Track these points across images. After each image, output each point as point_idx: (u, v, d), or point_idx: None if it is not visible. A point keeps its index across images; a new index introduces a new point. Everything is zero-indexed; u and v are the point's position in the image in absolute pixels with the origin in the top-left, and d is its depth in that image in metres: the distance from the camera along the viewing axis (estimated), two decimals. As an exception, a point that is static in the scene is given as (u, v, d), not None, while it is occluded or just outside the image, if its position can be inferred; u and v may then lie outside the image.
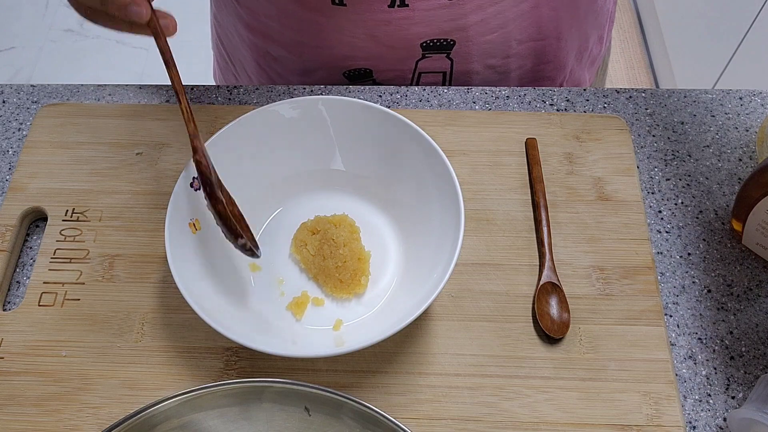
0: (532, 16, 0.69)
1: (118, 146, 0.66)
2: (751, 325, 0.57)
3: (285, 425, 0.46)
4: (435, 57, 0.70)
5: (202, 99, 0.70)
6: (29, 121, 0.68)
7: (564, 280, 0.59)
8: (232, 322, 0.52)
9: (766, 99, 0.70)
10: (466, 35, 0.68)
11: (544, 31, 0.71)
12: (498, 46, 0.70)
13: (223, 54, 0.83)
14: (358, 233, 0.59)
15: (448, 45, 0.68)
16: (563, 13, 0.71)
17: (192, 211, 0.56)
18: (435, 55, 0.69)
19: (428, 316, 0.57)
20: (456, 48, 0.69)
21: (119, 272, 0.59)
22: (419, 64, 0.70)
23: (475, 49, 0.69)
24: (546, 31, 0.71)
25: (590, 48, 0.79)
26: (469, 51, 0.69)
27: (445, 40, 0.68)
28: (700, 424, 0.53)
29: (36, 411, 0.53)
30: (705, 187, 0.65)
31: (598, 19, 0.77)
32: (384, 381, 0.54)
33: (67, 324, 0.57)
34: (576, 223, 0.62)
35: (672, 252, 0.61)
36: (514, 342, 0.56)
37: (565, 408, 0.53)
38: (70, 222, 0.62)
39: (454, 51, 0.69)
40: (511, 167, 0.65)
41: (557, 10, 0.70)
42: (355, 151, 0.61)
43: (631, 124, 0.68)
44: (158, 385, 0.54)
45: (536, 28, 0.70)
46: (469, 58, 0.70)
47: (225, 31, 0.79)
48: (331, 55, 0.71)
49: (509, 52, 0.71)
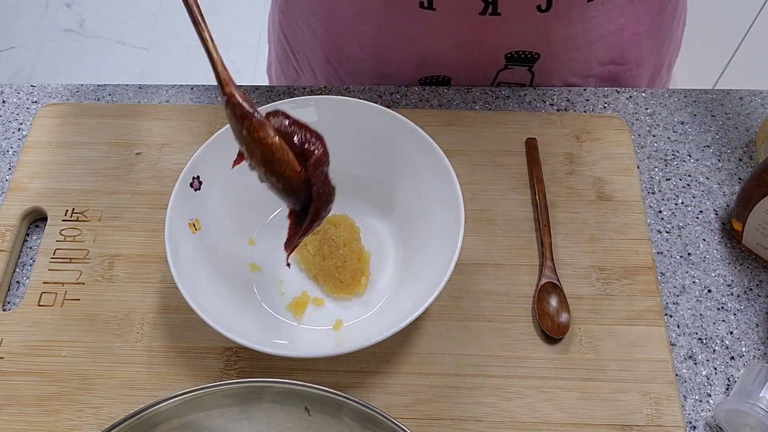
0: (615, 39, 0.69)
1: (118, 146, 0.66)
2: (751, 325, 0.57)
3: (285, 425, 0.46)
4: (517, 69, 0.69)
5: (202, 99, 0.70)
6: (29, 121, 0.68)
7: (564, 280, 0.59)
8: (232, 322, 0.52)
9: (766, 99, 0.70)
10: (551, 50, 0.67)
11: (626, 56, 0.71)
12: (580, 65, 0.70)
13: (285, 47, 0.80)
14: (359, 233, 0.59)
15: (533, 58, 0.68)
16: (645, 39, 0.71)
17: (192, 211, 0.56)
18: (517, 67, 0.69)
19: (428, 316, 0.57)
20: (539, 61, 0.68)
21: (119, 272, 0.59)
22: (500, 74, 0.70)
23: (558, 64, 0.69)
24: (628, 56, 0.71)
25: (661, 75, 0.79)
26: (551, 66, 0.69)
27: (530, 53, 0.67)
28: (700, 424, 0.53)
29: (36, 411, 0.53)
30: (705, 187, 0.64)
31: (672, 46, 0.77)
32: (384, 381, 0.54)
33: (66, 324, 0.57)
34: (576, 223, 0.62)
35: (672, 252, 0.61)
36: (514, 342, 0.56)
37: (565, 408, 0.53)
38: (70, 222, 0.62)
39: (537, 64, 0.68)
40: (511, 167, 0.65)
41: (639, 36, 0.70)
42: (354, 151, 0.61)
43: (631, 124, 0.68)
44: (158, 385, 0.54)
45: (619, 51, 0.70)
46: (551, 73, 0.70)
47: (292, 23, 0.76)
48: (409, 60, 0.69)
49: (590, 72, 0.71)
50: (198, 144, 0.58)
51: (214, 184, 0.58)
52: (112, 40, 2.10)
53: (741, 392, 0.51)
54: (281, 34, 0.80)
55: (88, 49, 2.09)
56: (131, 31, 2.11)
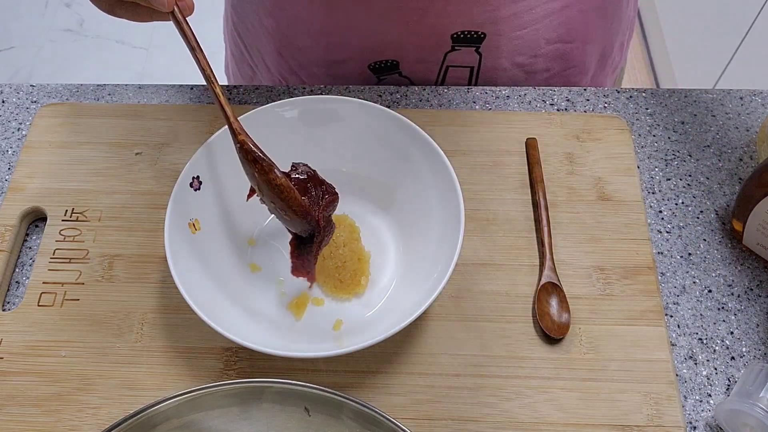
0: (561, 16, 0.69)
1: (118, 146, 0.66)
2: (751, 325, 0.57)
3: (285, 425, 0.46)
4: (464, 50, 0.70)
5: (202, 99, 0.70)
6: (29, 121, 0.68)
7: (564, 280, 0.58)
8: (232, 323, 0.52)
9: (766, 99, 0.70)
10: (497, 29, 0.68)
11: (573, 33, 0.71)
12: (527, 44, 0.70)
13: (239, 44, 0.81)
14: (359, 233, 0.59)
15: (479, 38, 0.68)
16: (591, 16, 0.71)
17: (192, 211, 0.56)
18: (464, 48, 0.69)
19: (428, 316, 0.57)
20: (486, 42, 0.69)
21: (119, 272, 0.59)
22: (448, 56, 0.70)
23: (505, 44, 0.70)
24: (574, 34, 0.71)
25: (613, 55, 0.80)
26: (498, 46, 0.70)
27: (476, 33, 0.68)
28: (701, 424, 0.53)
29: (36, 411, 0.53)
30: (705, 187, 0.64)
31: (622, 26, 0.78)
32: (384, 381, 0.54)
33: (66, 324, 0.57)
34: (576, 223, 0.62)
35: (672, 252, 0.61)
36: (514, 342, 0.56)
37: (566, 408, 0.53)
38: (70, 222, 0.62)
39: (484, 45, 0.69)
40: (511, 167, 0.65)
41: (585, 13, 0.70)
42: (354, 151, 0.61)
43: (632, 124, 0.68)
44: (158, 385, 0.54)
45: (566, 29, 0.70)
46: (498, 54, 0.70)
47: (243, 20, 0.78)
48: (359, 46, 0.70)
49: (537, 51, 0.71)
50: (198, 144, 0.58)
51: (214, 184, 0.58)
52: (111, 39, 2.10)
53: (741, 392, 0.51)
54: (234, 31, 0.81)
55: (88, 49, 2.09)
56: (131, 31, 2.11)
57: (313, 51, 0.73)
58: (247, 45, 0.80)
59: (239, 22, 0.79)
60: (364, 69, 0.72)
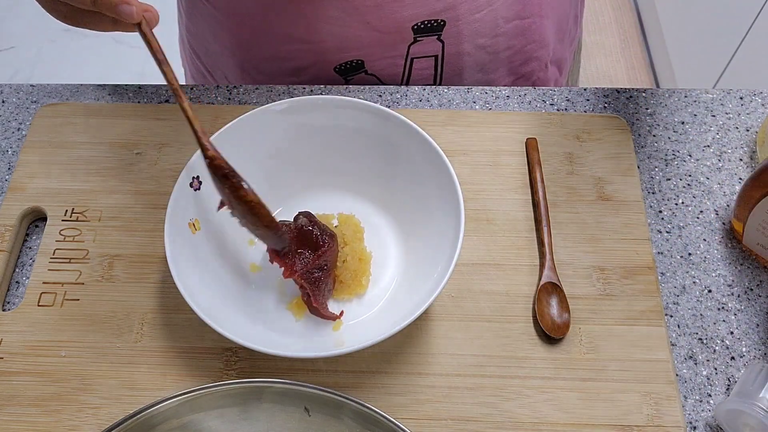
0: None
1: (118, 146, 0.66)
2: (751, 325, 0.57)
3: (285, 425, 0.46)
4: (426, 40, 0.70)
5: (202, 99, 0.70)
6: (29, 121, 0.68)
7: (564, 280, 0.58)
8: (232, 323, 0.52)
9: (766, 99, 0.70)
10: (456, 14, 0.68)
11: (529, 8, 0.72)
12: (487, 25, 0.71)
13: (199, 67, 0.81)
14: (362, 234, 0.59)
15: (439, 26, 0.69)
16: None
17: (192, 211, 0.56)
18: (426, 38, 0.70)
19: (428, 316, 0.57)
20: (446, 29, 0.69)
21: (119, 272, 0.59)
22: (411, 48, 0.70)
23: (465, 28, 0.70)
24: (530, 9, 0.72)
25: (569, 28, 0.82)
26: (459, 31, 0.70)
27: (436, 21, 0.68)
28: (701, 424, 0.53)
29: (35, 411, 0.53)
30: (705, 187, 0.64)
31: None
32: (384, 381, 0.54)
33: (66, 324, 0.57)
34: (576, 223, 0.62)
35: (672, 252, 0.61)
36: (514, 342, 0.56)
37: (566, 408, 0.53)
38: (70, 222, 0.62)
39: (444, 32, 0.70)
40: (511, 167, 0.65)
41: None
42: (354, 151, 0.61)
43: (632, 124, 0.68)
44: (158, 385, 0.54)
45: (521, 5, 0.71)
46: (460, 39, 0.71)
47: (200, 41, 0.78)
48: (322, 50, 0.70)
49: (497, 31, 0.72)
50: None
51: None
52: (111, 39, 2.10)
53: (741, 392, 0.51)
54: (193, 54, 0.81)
55: (88, 49, 2.09)
56: (131, 31, 2.11)
57: (276, 60, 0.73)
58: (207, 65, 0.80)
59: (196, 43, 0.79)
60: (330, 72, 0.72)
